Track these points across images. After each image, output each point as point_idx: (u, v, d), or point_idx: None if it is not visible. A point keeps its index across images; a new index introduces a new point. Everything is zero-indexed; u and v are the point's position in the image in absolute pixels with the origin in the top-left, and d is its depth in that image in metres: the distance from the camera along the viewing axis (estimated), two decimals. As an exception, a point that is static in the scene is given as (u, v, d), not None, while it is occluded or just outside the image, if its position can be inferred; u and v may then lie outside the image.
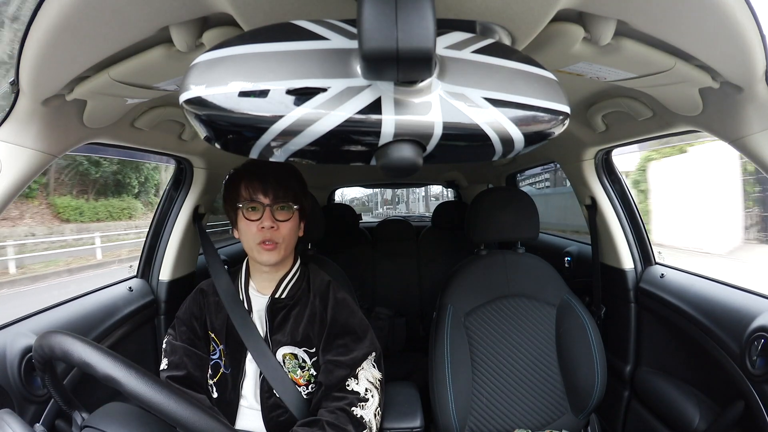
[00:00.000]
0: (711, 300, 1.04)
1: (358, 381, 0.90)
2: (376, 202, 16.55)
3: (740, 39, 0.55)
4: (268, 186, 0.90)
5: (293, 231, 0.94)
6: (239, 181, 0.92)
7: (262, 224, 0.89)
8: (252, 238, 0.90)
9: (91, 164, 13.71)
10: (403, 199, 15.87)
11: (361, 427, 0.85)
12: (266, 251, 0.90)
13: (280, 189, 0.90)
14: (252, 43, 0.33)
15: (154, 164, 13.57)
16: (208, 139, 0.35)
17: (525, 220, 1.27)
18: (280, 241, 0.91)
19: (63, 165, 12.97)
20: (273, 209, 0.90)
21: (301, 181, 0.97)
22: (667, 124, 0.95)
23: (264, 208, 0.90)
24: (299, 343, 0.95)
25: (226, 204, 0.96)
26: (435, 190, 14.65)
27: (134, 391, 0.51)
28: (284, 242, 0.92)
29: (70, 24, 0.50)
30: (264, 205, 0.90)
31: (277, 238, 0.90)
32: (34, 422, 0.79)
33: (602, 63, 0.67)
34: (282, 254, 0.92)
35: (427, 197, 15.28)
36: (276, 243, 0.90)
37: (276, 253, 0.91)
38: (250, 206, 0.90)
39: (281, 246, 0.91)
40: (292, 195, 0.92)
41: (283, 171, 0.94)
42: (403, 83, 0.34)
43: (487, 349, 1.20)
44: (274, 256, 0.91)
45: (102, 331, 1.05)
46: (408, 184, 4.41)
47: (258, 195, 0.90)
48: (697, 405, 1.02)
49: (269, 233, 0.89)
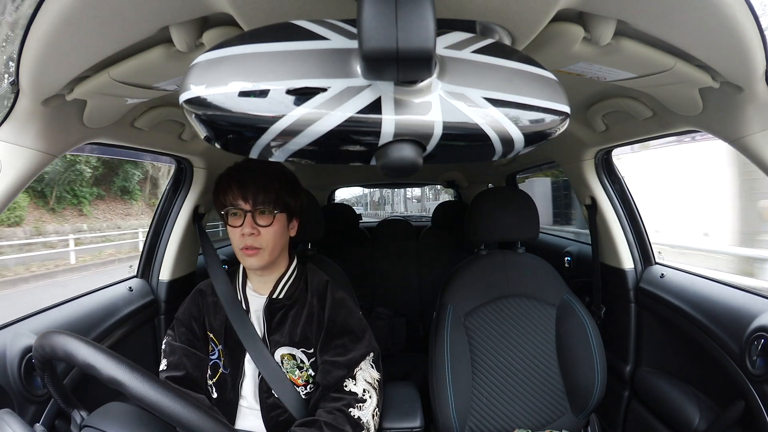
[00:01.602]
0: (711, 300, 1.04)
1: (356, 382, 0.90)
2: (366, 204, 16.89)
3: (740, 39, 0.55)
4: (248, 192, 0.89)
5: (277, 234, 0.92)
6: (222, 187, 0.91)
7: (243, 230, 0.89)
8: (236, 243, 0.91)
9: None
10: (389, 201, 17.47)
11: (358, 427, 0.85)
12: (248, 257, 0.90)
13: (259, 194, 0.89)
14: (252, 43, 0.33)
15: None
16: (208, 139, 0.35)
17: (525, 220, 1.27)
18: (262, 246, 0.90)
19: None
20: (254, 215, 0.89)
21: (286, 183, 0.94)
22: (667, 124, 0.95)
23: (245, 214, 0.89)
24: (297, 343, 0.95)
25: (216, 207, 0.96)
26: (416, 193, 16.61)
27: (138, 393, 0.51)
28: (268, 247, 0.90)
29: (70, 24, 0.50)
30: (244, 210, 0.89)
31: (258, 243, 0.89)
32: (34, 422, 0.79)
33: (602, 63, 0.67)
34: (267, 259, 0.91)
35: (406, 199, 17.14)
36: (258, 248, 0.89)
37: (258, 258, 0.90)
38: (232, 212, 0.90)
39: (264, 251, 0.90)
40: (273, 199, 0.90)
41: (264, 175, 0.91)
42: (403, 83, 0.34)
43: (487, 349, 1.20)
44: (256, 261, 0.90)
45: (102, 331, 1.05)
46: (407, 184, 4.41)
47: (238, 201, 0.89)
48: (697, 405, 1.02)
49: (250, 239, 0.89)
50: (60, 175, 12.12)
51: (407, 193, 16.79)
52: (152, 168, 16.08)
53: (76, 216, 12.91)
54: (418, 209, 16.59)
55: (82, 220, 12.95)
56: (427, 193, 16.92)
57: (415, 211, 15.18)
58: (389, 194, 16.56)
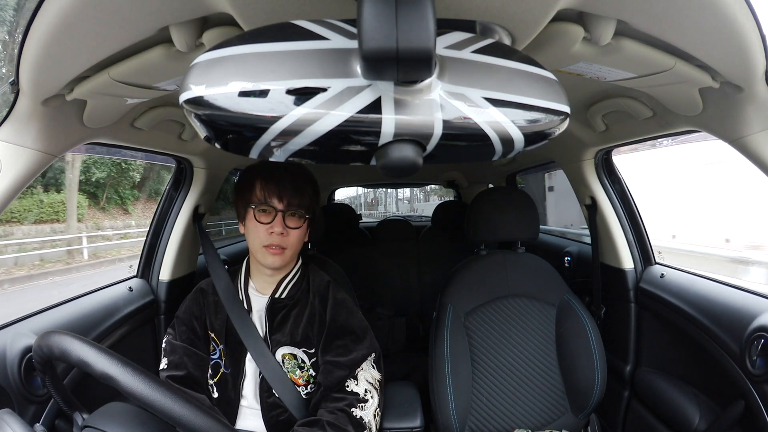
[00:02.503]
0: (711, 300, 1.04)
1: (358, 382, 0.90)
2: (360, 204, 17.39)
3: (740, 39, 0.55)
4: (284, 191, 0.89)
5: (301, 237, 0.94)
6: (254, 180, 0.91)
7: (272, 229, 0.89)
8: (260, 240, 0.90)
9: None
10: (382, 202, 18.78)
11: (360, 427, 0.85)
12: (272, 255, 0.90)
13: (295, 196, 0.89)
14: (252, 43, 0.33)
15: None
16: (208, 139, 0.35)
17: (525, 220, 1.27)
18: (287, 247, 0.91)
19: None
20: (285, 215, 0.89)
21: (316, 189, 0.96)
22: (667, 124, 0.95)
23: (276, 213, 0.89)
24: (298, 343, 0.95)
25: (237, 199, 0.95)
26: (406, 193, 18.05)
27: (131, 389, 0.51)
28: (292, 248, 0.92)
29: (70, 24, 0.50)
30: (277, 210, 0.89)
31: (284, 243, 0.90)
32: (34, 422, 0.79)
33: (602, 63, 0.67)
34: (287, 260, 0.93)
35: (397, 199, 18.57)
36: (283, 248, 0.90)
37: (281, 258, 0.91)
38: (262, 208, 0.90)
39: (288, 252, 0.91)
40: (307, 203, 0.91)
41: (300, 177, 0.92)
42: (403, 83, 0.34)
43: (487, 349, 1.20)
44: (279, 260, 0.91)
45: (102, 330, 1.05)
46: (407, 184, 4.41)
47: (272, 199, 0.89)
48: (697, 405, 1.02)
49: (278, 239, 0.89)
50: (114, 180, 13.93)
51: (399, 194, 17.90)
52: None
53: (121, 214, 14.65)
54: (407, 209, 17.93)
55: (128, 218, 14.80)
56: (417, 194, 17.99)
57: (405, 211, 16.25)
58: (382, 195, 17.73)
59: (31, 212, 11.12)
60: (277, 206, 0.89)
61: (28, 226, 10.83)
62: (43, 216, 11.28)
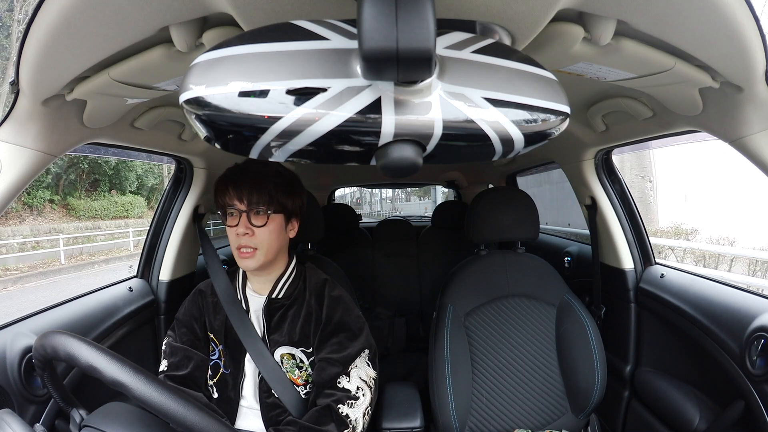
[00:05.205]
0: (711, 300, 1.04)
1: (350, 379, 0.90)
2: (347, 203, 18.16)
3: (740, 39, 0.55)
4: (243, 192, 0.89)
5: (272, 235, 0.91)
6: (219, 187, 0.92)
7: (237, 230, 0.89)
8: (232, 243, 0.91)
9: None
10: (366, 201, 21.06)
11: (343, 426, 0.84)
12: (243, 258, 0.90)
13: (254, 194, 0.89)
14: (252, 43, 0.33)
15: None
16: (208, 139, 0.35)
17: (525, 220, 1.27)
18: (257, 247, 0.90)
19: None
20: (248, 215, 0.89)
21: (282, 183, 0.93)
22: (667, 124, 0.95)
23: (240, 214, 0.89)
24: (296, 343, 0.95)
25: (217, 210, 0.97)
26: (388, 194, 19.19)
27: (142, 395, 0.51)
28: (263, 248, 0.90)
29: (70, 24, 0.50)
30: (240, 210, 0.89)
31: (253, 243, 0.89)
32: (34, 422, 0.79)
33: (602, 63, 0.67)
34: (262, 260, 0.91)
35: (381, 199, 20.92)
36: (253, 249, 0.89)
37: (254, 259, 0.90)
38: (230, 212, 0.91)
39: (260, 252, 0.90)
40: (267, 199, 0.90)
41: (259, 175, 0.91)
42: (403, 83, 0.34)
43: (487, 349, 1.20)
44: (252, 262, 0.90)
45: (102, 331, 1.05)
46: (407, 184, 4.41)
47: (234, 201, 0.90)
48: (697, 405, 1.02)
49: (245, 239, 0.89)
50: (162, 185, 16.77)
51: (382, 194, 19.74)
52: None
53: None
54: (390, 209, 19.34)
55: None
56: (399, 194, 18.97)
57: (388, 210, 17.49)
58: (367, 195, 19.89)
59: (109, 210, 14.93)
60: (239, 207, 0.89)
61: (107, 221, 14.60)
62: (118, 212, 15.27)
